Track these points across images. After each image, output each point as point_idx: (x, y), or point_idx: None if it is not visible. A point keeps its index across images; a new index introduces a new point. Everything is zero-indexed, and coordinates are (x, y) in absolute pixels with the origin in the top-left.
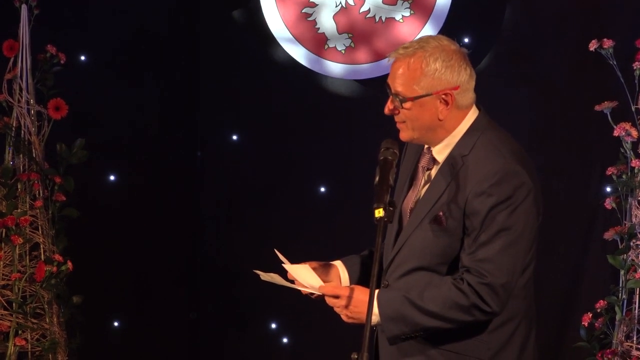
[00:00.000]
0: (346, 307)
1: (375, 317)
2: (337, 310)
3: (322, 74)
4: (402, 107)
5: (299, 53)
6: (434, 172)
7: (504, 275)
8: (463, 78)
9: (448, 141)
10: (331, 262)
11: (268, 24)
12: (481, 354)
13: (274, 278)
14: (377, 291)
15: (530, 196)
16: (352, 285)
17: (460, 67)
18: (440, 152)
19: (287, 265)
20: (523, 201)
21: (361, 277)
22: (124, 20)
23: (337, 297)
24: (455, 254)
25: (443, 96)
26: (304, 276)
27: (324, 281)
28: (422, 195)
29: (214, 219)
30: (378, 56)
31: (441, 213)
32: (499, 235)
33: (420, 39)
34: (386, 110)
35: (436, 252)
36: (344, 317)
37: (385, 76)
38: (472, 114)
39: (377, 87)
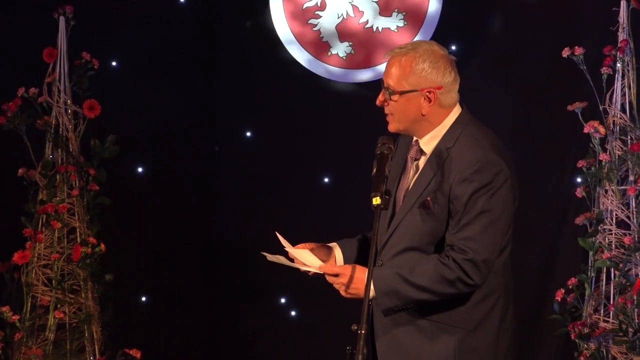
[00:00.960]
0: (345, 284)
1: (371, 292)
2: (336, 286)
3: (325, 77)
4: (391, 99)
5: (305, 59)
6: (422, 162)
7: (484, 252)
8: (447, 80)
9: (434, 134)
10: (328, 244)
11: (278, 33)
12: (465, 325)
13: (279, 259)
14: (373, 270)
15: (507, 183)
16: (351, 264)
17: (445, 70)
18: (427, 144)
19: (288, 248)
20: (501, 187)
21: (354, 258)
22: (150, 29)
23: (336, 275)
24: (442, 234)
25: (427, 93)
26: (305, 257)
27: (322, 261)
28: (411, 184)
29: (230, 206)
30: (375, 62)
31: (429, 199)
32: (480, 217)
33: (415, 42)
34: (377, 102)
35: (425, 233)
36: (343, 293)
37: (378, 82)
38: (456, 111)
39: (374, 90)
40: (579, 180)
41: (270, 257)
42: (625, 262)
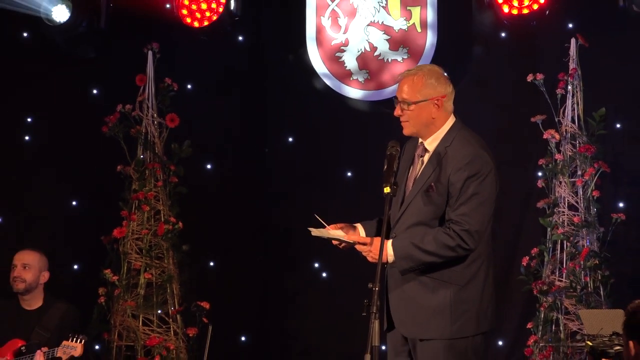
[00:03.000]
0: (372, 251)
1: (391, 257)
2: (364, 254)
3: (348, 96)
4: (408, 109)
5: (332, 83)
6: (426, 158)
7: (477, 224)
8: (448, 90)
9: (435, 136)
10: (353, 224)
11: (312, 63)
12: (459, 281)
13: (322, 232)
14: (391, 240)
15: (491, 173)
16: (374, 237)
17: (446, 82)
18: (430, 144)
19: (327, 227)
20: (487, 176)
21: (373, 234)
22: (217, 60)
23: (364, 244)
24: (442, 213)
25: (435, 101)
26: (338, 233)
27: None
28: (419, 174)
29: (276, 194)
30: (385, 85)
31: (432, 184)
32: (472, 198)
33: (420, 65)
34: (395, 113)
35: (429, 211)
36: (369, 259)
37: (389, 99)
38: (451, 120)
39: (385, 106)
40: (539, 174)
41: (315, 232)
42: (574, 236)
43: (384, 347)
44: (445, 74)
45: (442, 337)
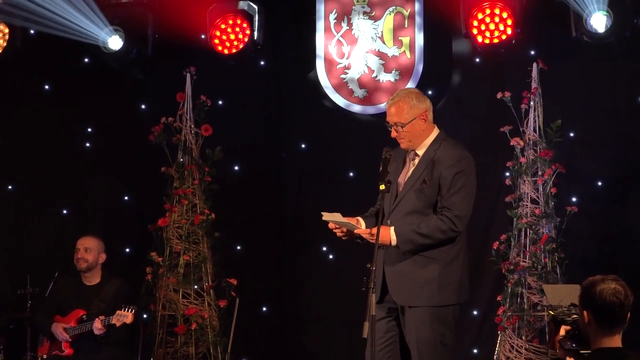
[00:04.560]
0: (373, 235)
1: (394, 241)
2: (371, 240)
3: (350, 110)
4: (402, 130)
5: (337, 99)
6: (416, 161)
7: (464, 211)
8: (427, 104)
9: (425, 143)
10: (356, 218)
11: (321, 83)
12: (445, 259)
13: (334, 216)
14: (392, 227)
15: (474, 171)
16: (377, 227)
17: (424, 99)
18: (420, 150)
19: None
20: (471, 173)
21: (372, 226)
22: (243, 80)
23: (371, 234)
24: (434, 202)
25: (422, 117)
26: (345, 221)
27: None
28: (410, 174)
29: (291, 191)
30: (380, 101)
31: (425, 179)
32: (460, 190)
33: (399, 91)
34: (392, 135)
35: (422, 201)
36: (373, 242)
37: (383, 113)
38: (436, 130)
39: (380, 118)
40: (507, 174)
41: (326, 216)
42: (536, 225)
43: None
44: (420, 92)
45: (429, 304)
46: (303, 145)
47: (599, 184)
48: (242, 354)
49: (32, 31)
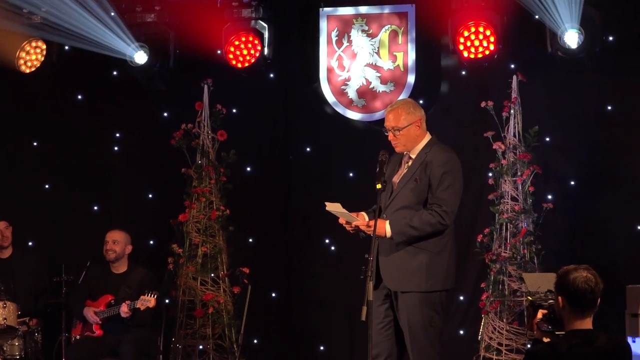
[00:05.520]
0: (370, 227)
1: (389, 233)
2: (369, 232)
3: (351, 118)
4: (399, 134)
5: (339, 107)
6: (410, 163)
7: (452, 206)
8: (422, 113)
9: (417, 147)
10: (360, 213)
11: (324, 94)
12: (433, 249)
13: (337, 207)
14: (387, 221)
15: (461, 172)
16: (374, 220)
17: (419, 109)
18: (413, 153)
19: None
20: (458, 172)
21: (372, 219)
22: (254, 91)
23: (368, 226)
24: (424, 199)
25: (417, 124)
26: (346, 212)
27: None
28: (404, 172)
29: (297, 189)
30: (377, 110)
31: (417, 178)
32: (449, 187)
33: (397, 100)
34: (390, 139)
35: (414, 198)
36: (371, 234)
37: (380, 120)
38: (428, 136)
39: (378, 124)
40: (490, 174)
41: (329, 206)
42: (515, 220)
43: None
44: (416, 102)
45: (419, 290)
46: (308, 149)
47: (572, 183)
48: (253, 334)
49: (67, 47)
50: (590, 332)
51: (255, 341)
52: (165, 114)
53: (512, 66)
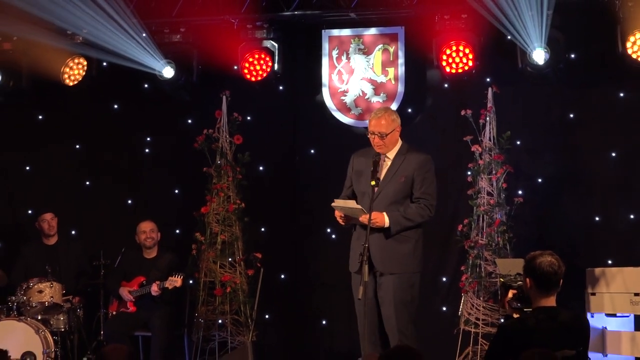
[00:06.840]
0: (372, 220)
1: (387, 223)
2: (365, 222)
3: (348, 124)
4: (385, 138)
5: (339, 116)
6: (388, 163)
7: (435, 200)
8: (400, 121)
9: (394, 150)
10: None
11: (326, 103)
12: (413, 237)
13: (347, 202)
14: (385, 212)
15: (434, 168)
16: (375, 212)
17: (398, 117)
18: (390, 154)
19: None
20: (433, 170)
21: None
22: (265, 101)
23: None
24: (409, 194)
25: (398, 129)
26: (352, 204)
27: None
28: (385, 173)
29: (303, 186)
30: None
31: (404, 175)
32: (431, 184)
33: (381, 108)
34: (375, 142)
35: (399, 194)
36: (372, 225)
37: (371, 132)
38: (401, 140)
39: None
40: (469, 173)
41: (336, 202)
42: (490, 212)
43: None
44: (394, 110)
45: (406, 271)
46: (312, 151)
47: (539, 180)
48: (265, 310)
49: (104, 63)
50: (555, 308)
51: (267, 316)
52: (189, 121)
53: (488, 79)
